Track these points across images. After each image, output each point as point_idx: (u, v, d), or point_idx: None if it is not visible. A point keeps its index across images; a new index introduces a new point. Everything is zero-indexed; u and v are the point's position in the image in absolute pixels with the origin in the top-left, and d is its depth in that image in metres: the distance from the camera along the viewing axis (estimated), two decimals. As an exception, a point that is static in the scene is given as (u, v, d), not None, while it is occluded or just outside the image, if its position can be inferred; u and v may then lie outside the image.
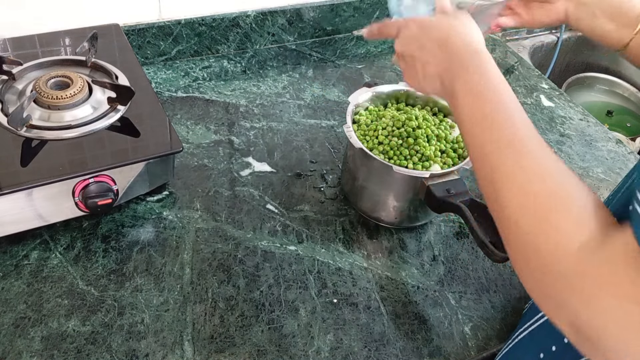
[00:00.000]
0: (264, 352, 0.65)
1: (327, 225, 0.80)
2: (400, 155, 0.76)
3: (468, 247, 0.80)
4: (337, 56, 1.14)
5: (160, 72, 1.03)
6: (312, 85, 1.05)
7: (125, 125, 0.77)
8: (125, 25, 0.98)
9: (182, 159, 0.86)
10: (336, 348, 0.67)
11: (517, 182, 0.45)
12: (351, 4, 1.16)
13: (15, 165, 0.69)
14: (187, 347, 0.65)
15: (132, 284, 0.70)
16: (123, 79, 0.83)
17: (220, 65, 1.07)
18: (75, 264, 0.71)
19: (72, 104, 0.76)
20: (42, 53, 0.88)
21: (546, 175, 0.44)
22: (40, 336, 0.64)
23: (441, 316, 0.71)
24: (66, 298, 0.67)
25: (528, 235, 0.42)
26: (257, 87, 1.03)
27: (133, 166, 0.72)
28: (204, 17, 1.04)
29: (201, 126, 0.93)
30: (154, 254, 0.73)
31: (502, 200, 0.45)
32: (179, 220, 0.78)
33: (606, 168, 0.97)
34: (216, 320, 0.68)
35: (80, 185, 0.69)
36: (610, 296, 0.37)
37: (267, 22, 1.09)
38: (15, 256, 0.71)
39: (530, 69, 1.20)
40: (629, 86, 1.52)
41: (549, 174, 0.44)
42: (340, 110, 1.00)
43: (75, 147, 0.73)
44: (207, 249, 0.75)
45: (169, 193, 0.81)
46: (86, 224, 0.76)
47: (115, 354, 0.63)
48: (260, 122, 0.95)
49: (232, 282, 0.72)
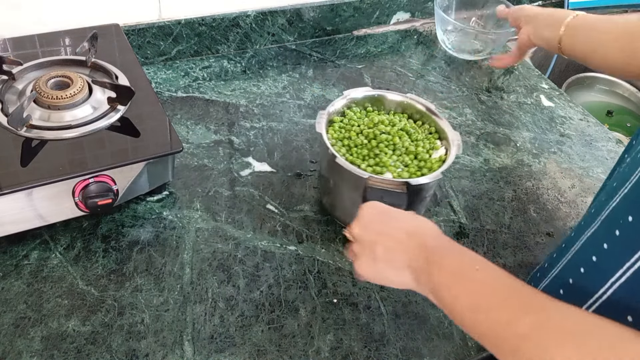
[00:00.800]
0: (264, 352, 0.65)
1: (327, 225, 0.80)
2: (359, 153, 0.76)
3: (468, 246, 0.80)
4: (337, 56, 1.14)
5: (160, 72, 1.03)
6: (312, 85, 1.05)
7: (125, 125, 0.77)
8: (125, 25, 0.98)
9: (182, 159, 0.86)
10: (336, 348, 0.67)
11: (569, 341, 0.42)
12: (351, 4, 1.16)
13: (15, 165, 0.69)
14: (187, 347, 0.65)
15: (132, 284, 0.70)
16: (123, 79, 0.83)
17: (220, 65, 1.07)
18: (75, 264, 0.71)
19: (72, 104, 0.76)
20: (42, 53, 0.88)
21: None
22: (40, 336, 0.64)
23: (441, 316, 0.71)
24: (66, 298, 0.67)
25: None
26: (257, 87, 1.03)
27: (133, 166, 0.72)
28: (204, 17, 1.04)
29: (201, 126, 0.93)
30: (154, 254, 0.73)
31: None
32: (179, 220, 0.78)
33: (606, 168, 0.97)
34: (216, 320, 0.68)
35: (80, 185, 0.69)
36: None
37: (267, 22, 1.09)
38: (15, 256, 0.71)
39: (530, 69, 1.20)
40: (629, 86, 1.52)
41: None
42: (340, 110, 1.00)
43: (75, 147, 0.73)
44: (207, 249, 0.75)
45: (169, 193, 0.81)
46: (86, 224, 0.76)
47: (115, 354, 0.63)
48: (260, 122, 0.95)
49: (232, 282, 0.72)
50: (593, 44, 0.76)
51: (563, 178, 0.95)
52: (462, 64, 1.18)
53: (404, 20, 1.25)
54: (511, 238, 0.83)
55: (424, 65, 1.16)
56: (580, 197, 0.92)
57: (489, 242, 0.82)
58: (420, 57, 1.18)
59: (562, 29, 0.79)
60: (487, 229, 0.84)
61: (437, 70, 1.15)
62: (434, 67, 1.16)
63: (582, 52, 0.77)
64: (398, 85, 1.09)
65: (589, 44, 0.76)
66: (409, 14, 1.25)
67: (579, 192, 0.93)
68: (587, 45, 0.76)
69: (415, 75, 1.12)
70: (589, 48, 0.76)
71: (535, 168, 0.96)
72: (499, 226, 0.85)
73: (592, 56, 0.76)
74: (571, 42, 0.79)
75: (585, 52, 0.77)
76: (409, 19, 1.26)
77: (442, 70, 1.15)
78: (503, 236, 0.83)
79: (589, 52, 0.76)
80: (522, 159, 0.98)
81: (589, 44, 0.76)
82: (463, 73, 1.16)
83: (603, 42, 0.74)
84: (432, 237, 0.56)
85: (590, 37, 0.76)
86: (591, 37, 0.76)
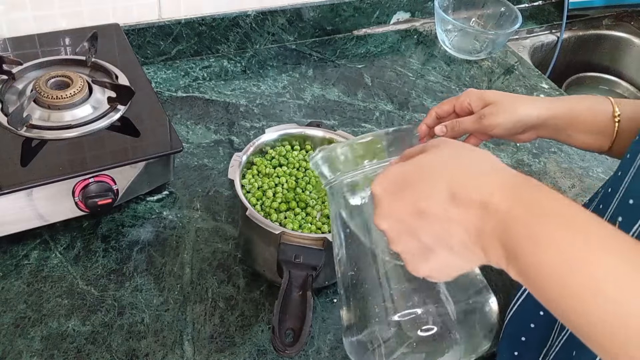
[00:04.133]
0: (264, 352, 0.65)
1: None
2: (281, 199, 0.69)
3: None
4: (337, 56, 1.14)
5: (160, 72, 1.03)
6: (312, 85, 1.05)
7: (125, 125, 0.77)
8: (125, 25, 0.98)
9: (182, 158, 0.86)
10: (336, 348, 0.66)
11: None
12: (351, 4, 1.16)
13: (15, 165, 0.69)
14: (187, 347, 0.65)
15: (132, 283, 0.70)
16: (123, 79, 0.83)
17: (220, 65, 1.07)
18: (75, 263, 0.71)
19: (72, 104, 0.76)
20: (42, 53, 0.88)
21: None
22: (40, 336, 0.64)
23: (441, 316, 0.71)
24: (66, 298, 0.67)
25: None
26: (257, 86, 1.03)
27: (133, 166, 0.72)
28: (204, 17, 1.04)
29: (201, 126, 0.93)
30: (154, 254, 0.73)
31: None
32: (179, 220, 0.78)
33: (606, 168, 0.97)
34: (216, 320, 0.68)
35: (80, 185, 0.69)
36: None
37: (267, 22, 1.09)
38: (15, 256, 0.71)
39: (530, 69, 1.20)
40: (629, 86, 1.52)
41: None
42: (340, 110, 1.00)
43: (75, 147, 0.73)
44: (207, 248, 0.75)
45: (169, 193, 0.81)
46: (86, 223, 0.76)
47: (115, 353, 0.63)
48: (260, 122, 0.95)
49: (232, 282, 0.72)
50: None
51: (563, 178, 0.95)
52: (462, 64, 1.18)
53: (404, 20, 1.25)
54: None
55: (424, 65, 1.16)
56: (580, 197, 0.92)
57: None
58: (420, 57, 1.18)
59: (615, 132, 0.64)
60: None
61: (437, 70, 1.15)
62: (434, 67, 1.16)
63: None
64: (398, 85, 1.09)
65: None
66: (409, 13, 1.25)
67: (579, 192, 0.93)
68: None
69: (415, 75, 1.12)
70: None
71: (535, 168, 0.96)
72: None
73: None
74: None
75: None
76: (409, 19, 1.26)
77: (442, 70, 1.15)
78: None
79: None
80: (522, 158, 0.98)
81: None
82: (463, 73, 1.16)
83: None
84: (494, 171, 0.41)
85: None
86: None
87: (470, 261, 0.42)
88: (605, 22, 1.43)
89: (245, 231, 0.70)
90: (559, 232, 0.36)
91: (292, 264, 0.62)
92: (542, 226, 0.36)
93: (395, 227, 0.44)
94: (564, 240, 0.36)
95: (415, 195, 0.42)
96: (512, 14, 1.17)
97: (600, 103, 0.64)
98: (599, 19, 1.43)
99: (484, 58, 1.19)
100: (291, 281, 0.61)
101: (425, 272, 0.44)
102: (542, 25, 1.37)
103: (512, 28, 1.14)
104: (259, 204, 0.69)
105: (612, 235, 0.36)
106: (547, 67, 1.33)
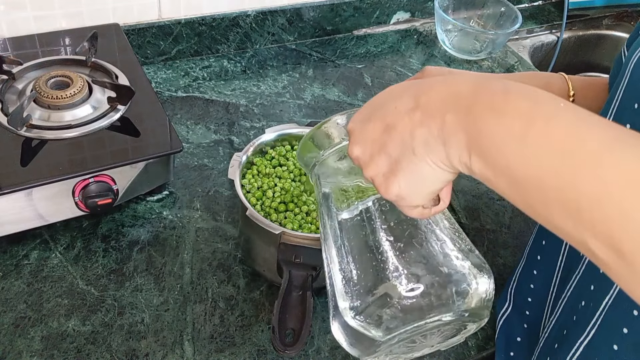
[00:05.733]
0: (264, 352, 0.65)
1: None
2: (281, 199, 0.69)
3: (468, 247, 0.80)
4: (337, 56, 1.14)
5: (160, 72, 1.03)
6: (312, 85, 1.05)
7: (125, 125, 0.77)
8: (125, 25, 0.98)
9: (182, 158, 0.86)
10: (336, 348, 0.66)
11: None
12: (351, 4, 1.16)
13: (15, 165, 0.69)
14: (187, 347, 0.65)
15: (132, 283, 0.70)
16: (123, 79, 0.83)
17: (220, 65, 1.07)
18: (75, 263, 0.71)
19: (72, 104, 0.76)
20: (42, 53, 0.88)
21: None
22: (40, 336, 0.64)
23: (441, 316, 0.71)
24: (66, 298, 0.67)
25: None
26: (257, 86, 1.03)
27: (133, 166, 0.72)
28: (204, 17, 1.04)
29: (201, 126, 0.93)
30: (154, 254, 0.73)
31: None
32: (179, 220, 0.78)
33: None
34: (216, 320, 0.68)
35: (80, 185, 0.69)
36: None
37: (267, 22, 1.09)
38: (15, 256, 0.71)
39: (530, 69, 1.20)
40: (629, 86, 1.51)
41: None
42: (340, 110, 1.00)
43: (75, 147, 0.73)
44: (207, 248, 0.75)
45: (169, 193, 0.81)
46: (86, 223, 0.76)
47: (115, 353, 0.63)
48: (260, 122, 0.95)
49: (232, 282, 0.72)
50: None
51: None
52: (462, 64, 1.18)
53: (404, 20, 1.25)
54: (511, 238, 0.83)
55: (424, 65, 1.16)
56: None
57: (489, 242, 0.82)
58: (420, 57, 1.18)
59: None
60: (487, 228, 0.84)
61: (437, 70, 1.15)
62: (434, 67, 1.16)
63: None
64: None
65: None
66: (409, 13, 1.25)
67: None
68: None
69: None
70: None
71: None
72: (499, 226, 0.85)
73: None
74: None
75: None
76: (409, 19, 1.26)
77: (442, 70, 1.15)
78: (503, 236, 0.83)
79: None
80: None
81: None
82: (463, 73, 1.16)
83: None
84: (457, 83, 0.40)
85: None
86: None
87: (433, 164, 0.40)
88: (605, 22, 1.43)
89: (245, 231, 0.70)
90: (524, 103, 0.36)
91: (292, 264, 0.62)
92: (507, 98, 0.36)
93: (368, 150, 0.44)
94: (529, 109, 0.35)
95: (383, 113, 0.43)
96: (512, 14, 1.17)
97: (556, 80, 0.63)
98: (599, 19, 1.42)
99: (484, 58, 1.19)
100: (291, 281, 0.61)
101: (395, 190, 0.43)
102: (542, 25, 1.37)
103: (512, 28, 1.14)
104: (258, 204, 0.69)
105: (574, 107, 0.35)
106: (547, 67, 1.33)
